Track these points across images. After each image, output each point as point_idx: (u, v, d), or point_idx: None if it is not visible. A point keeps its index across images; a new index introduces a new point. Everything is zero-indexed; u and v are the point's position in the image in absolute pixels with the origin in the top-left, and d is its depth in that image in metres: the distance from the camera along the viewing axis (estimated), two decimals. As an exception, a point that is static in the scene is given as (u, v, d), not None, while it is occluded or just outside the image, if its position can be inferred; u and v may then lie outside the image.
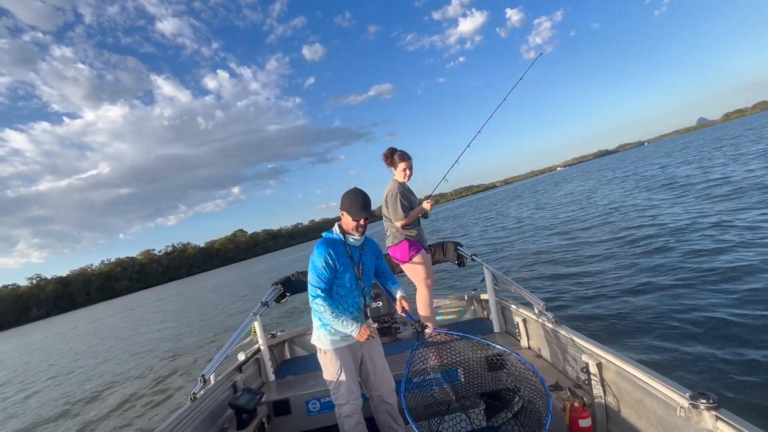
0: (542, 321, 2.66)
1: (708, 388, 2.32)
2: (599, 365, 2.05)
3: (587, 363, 2.09)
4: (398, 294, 2.42)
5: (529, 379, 1.98)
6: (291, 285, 3.62)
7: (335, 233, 2.28)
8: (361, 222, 2.22)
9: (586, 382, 2.13)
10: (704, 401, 1.38)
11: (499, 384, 2.29)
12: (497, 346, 2.13)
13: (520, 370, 2.05)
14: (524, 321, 3.00)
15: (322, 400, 2.72)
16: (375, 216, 2.36)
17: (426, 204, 3.27)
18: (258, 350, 3.36)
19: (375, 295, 3.69)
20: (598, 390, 2.07)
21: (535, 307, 2.73)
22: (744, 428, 1.26)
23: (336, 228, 2.29)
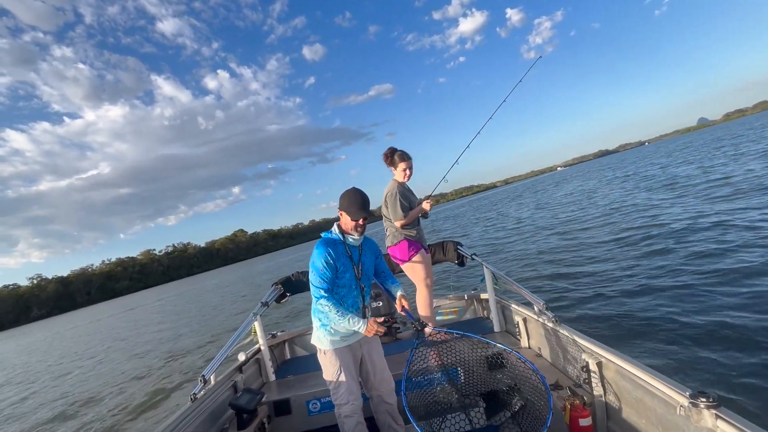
0: (542, 320, 2.66)
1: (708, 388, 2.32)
2: (599, 364, 2.05)
3: (587, 362, 2.10)
4: (398, 293, 2.41)
5: (530, 378, 1.98)
6: (291, 285, 3.62)
7: (334, 233, 2.27)
8: (360, 222, 2.21)
9: (587, 381, 2.13)
10: (704, 400, 1.38)
11: (500, 383, 2.28)
12: (498, 345, 2.13)
13: (521, 369, 2.04)
14: (524, 320, 2.99)
15: (323, 400, 2.72)
16: (374, 216, 2.35)
17: (426, 204, 3.27)
18: (258, 350, 3.36)
19: (375, 295, 3.69)
20: (599, 389, 2.07)
21: (536, 307, 2.72)
22: (744, 427, 1.26)
23: (335, 228, 2.28)
